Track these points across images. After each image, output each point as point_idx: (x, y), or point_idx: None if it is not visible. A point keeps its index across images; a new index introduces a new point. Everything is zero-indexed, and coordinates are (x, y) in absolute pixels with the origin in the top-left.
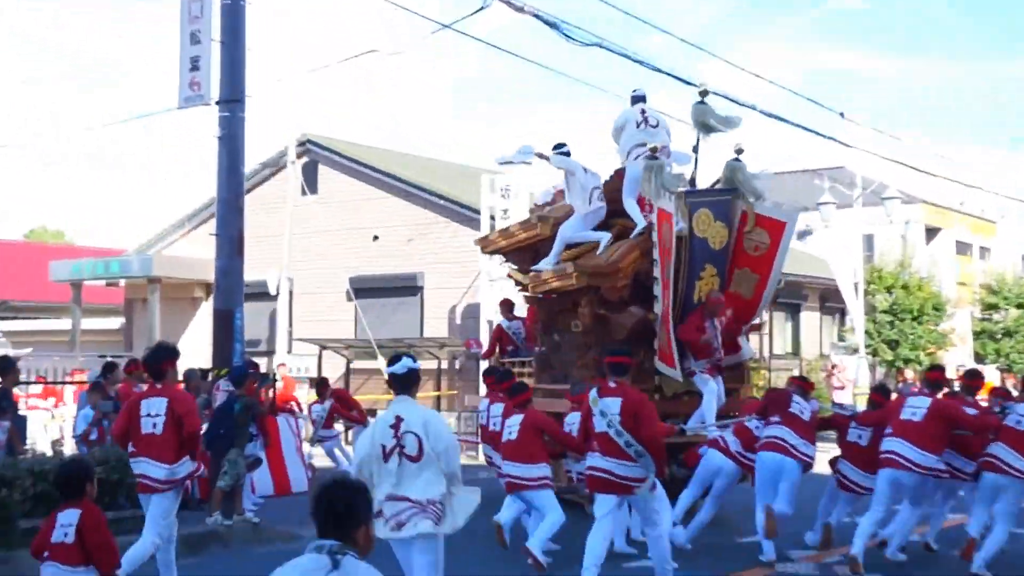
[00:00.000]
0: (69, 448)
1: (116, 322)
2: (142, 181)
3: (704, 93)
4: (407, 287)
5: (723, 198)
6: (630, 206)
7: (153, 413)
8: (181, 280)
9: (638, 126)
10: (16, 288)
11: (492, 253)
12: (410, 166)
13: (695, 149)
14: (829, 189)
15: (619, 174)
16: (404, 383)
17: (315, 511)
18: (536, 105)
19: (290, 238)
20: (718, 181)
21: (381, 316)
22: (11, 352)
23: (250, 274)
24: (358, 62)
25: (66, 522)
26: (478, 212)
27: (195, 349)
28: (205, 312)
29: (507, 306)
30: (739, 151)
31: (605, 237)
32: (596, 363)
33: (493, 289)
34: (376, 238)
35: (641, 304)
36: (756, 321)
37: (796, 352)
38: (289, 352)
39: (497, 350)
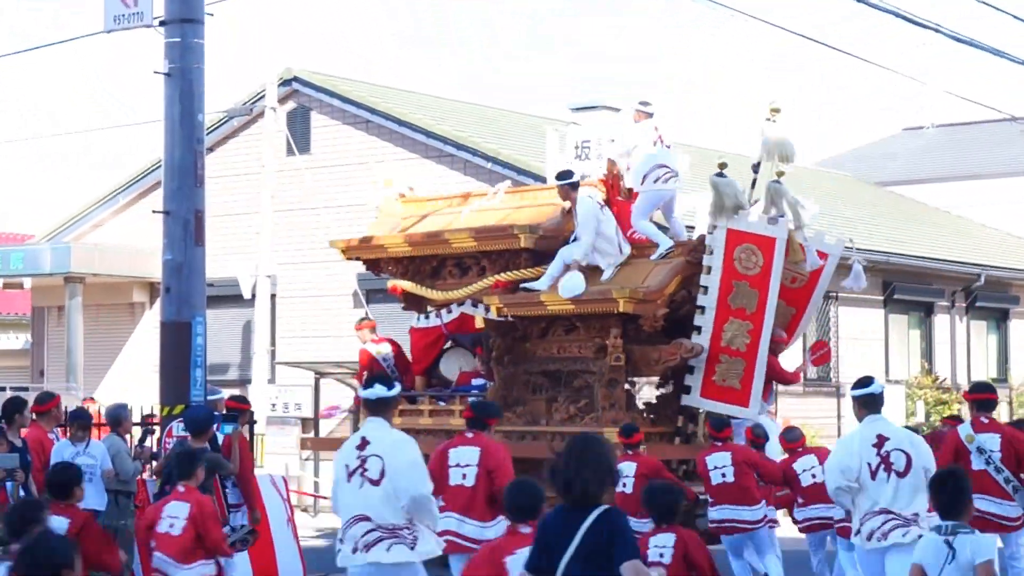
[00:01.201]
0: None
1: (19, 339)
2: (56, 140)
3: (723, 166)
4: None
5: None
6: (646, 227)
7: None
8: (113, 279)
9: (654, 145)
10: None
11: (365, 261)
12: (444, 115)
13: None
14: None
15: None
16: (376, 407)
17: None
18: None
19: (271, 217)
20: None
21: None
22: None
23: (214, 270)
24: None
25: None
26: (543, 179)
27: (136, 376)
28: (149, 324)
29: (371, 328)
30: (723, 165)
31: (615, 262)
32: (628, 398)
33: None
34: None
35: (675, 335)
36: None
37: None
38: (271, 381)
39: None
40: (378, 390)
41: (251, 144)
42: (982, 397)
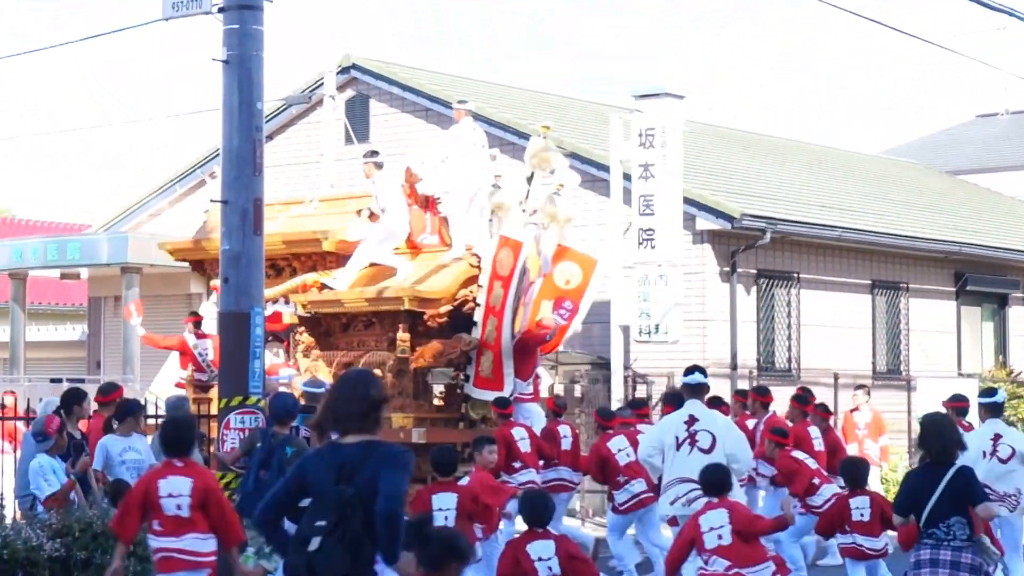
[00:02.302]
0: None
1: (75, 330)
2: (113, 130)
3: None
4: None
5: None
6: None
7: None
8: (170, 269)
9: (473, 146)
10: None
11: (191, 262)
12: (506, 103)
13: (528, 180)
14: None
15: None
16: (696, 391)
17: None
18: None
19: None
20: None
21: None
22: None
23: None
24: None
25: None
26: (607, 168)
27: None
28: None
29: (196, 321)
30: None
31: (403, 263)
32: (414, 390)
33: (630, 281)
34: None
35: (458, 331)
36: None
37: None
38: None
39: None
40: (698, 377)
41: (309, 132)
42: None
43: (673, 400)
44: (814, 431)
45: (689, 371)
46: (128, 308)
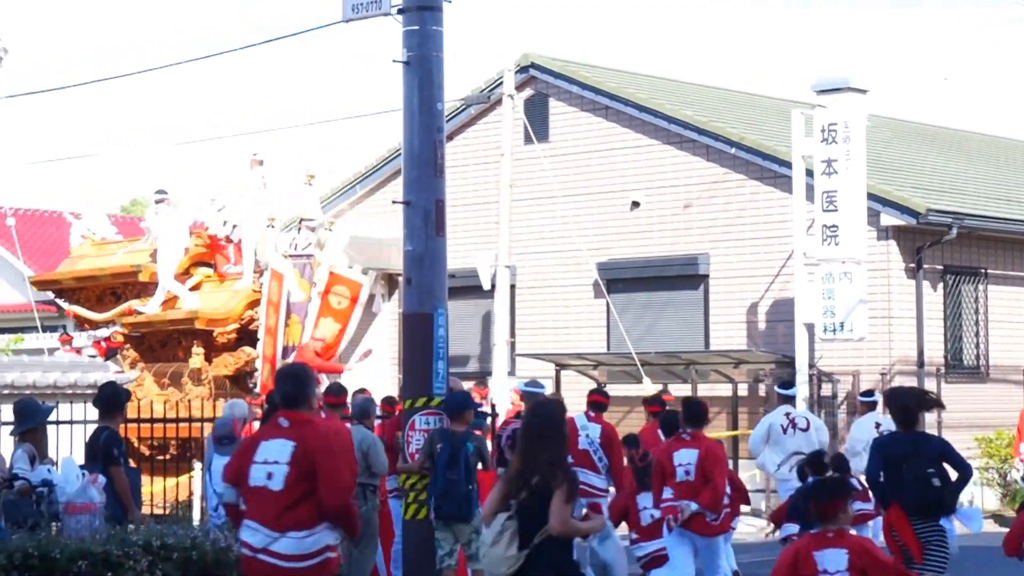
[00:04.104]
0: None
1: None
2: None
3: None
4: (684, 276)
5: (309, 260)
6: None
7: None
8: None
9: (261, 190)
10: None
11: (53, 291)
12: (686, 100)
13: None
14: None
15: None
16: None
17: None
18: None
19: (509, 207)
20: (309, 244)
21: (646, 319)
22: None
23: (452, 261)
24: None
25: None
26: (788, 164)
27: (374, 368)
28: (387, 315)
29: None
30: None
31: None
32: (212, 396)
33: (814, 279)
34: (636, 205)
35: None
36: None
37: None
38: (511, 373)
39: None
40: (794, 391)
41: (488, 132)
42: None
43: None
44: None
45: (787, 384)
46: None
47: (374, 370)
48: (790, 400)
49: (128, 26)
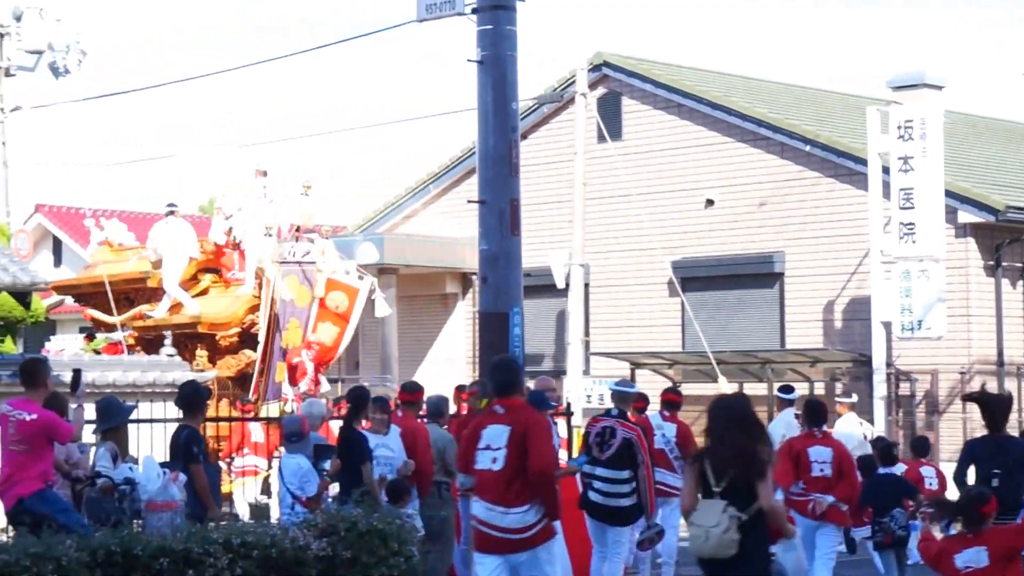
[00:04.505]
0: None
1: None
2: (363, 130)
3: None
4: (759, 275)
5: (309, 266)
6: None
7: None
8: (426, 269)
9: (261, 199)
10: None
11: (74, 295)
12: (760, 97)
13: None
14: None
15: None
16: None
17: None
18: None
19: (583, 206)
20: (308, 252)
21: (721, 318)
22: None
23: (526, 259)
24: None
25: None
26: (864, 161)
27: (448, 367)
28: (461, 315)
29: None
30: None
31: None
32: (215, 396)
33: (891, 277)
34: (711, 203)
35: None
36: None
37: None
38: (585, 372)
39: None
40: (795, 395)
41: (562, 131)
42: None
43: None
44: None
45: (788, 388)
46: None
47: (450, 369)
48: (791, 405)
49: (200, 27)
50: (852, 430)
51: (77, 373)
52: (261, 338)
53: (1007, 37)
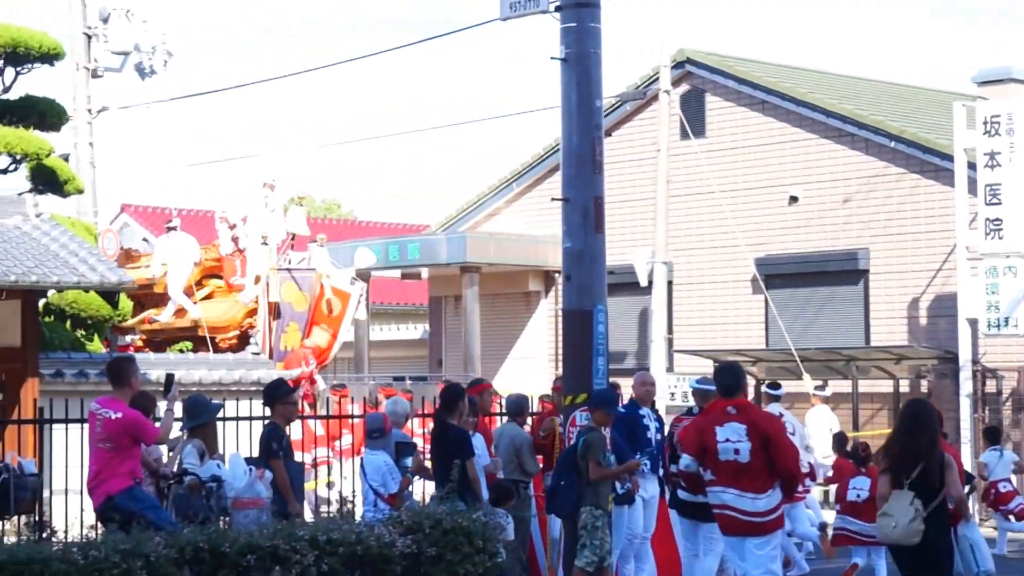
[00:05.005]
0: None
1: (417, 329)
2: (444, 129)
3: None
4: (843, 272)
5: (306, 273)
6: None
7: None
8: (509, 267)
9: (263, 208)
10: None
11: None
12: (844, 93)
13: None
14: None
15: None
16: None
17: None
18: None
19: (666, 203)
20: (303, 259)
21: (805, 315)
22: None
23: (610, 257)
24: None
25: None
26: (950, 157)
27: (531, 365)
28: (544, 313)
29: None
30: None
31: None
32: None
33: (977, 273)
34: (795, 199)
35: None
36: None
37: None
38: (669, 370)
39: None
40: (782, 391)
41: (645, 129)
42: None
43: None
44: None
45: (776, 385)
46: None
47: (532, 367)
48: (778, 400)
49: (281, 27)
50: (822, 422)
51: (170, 377)
52: (258, 340)
53: None
